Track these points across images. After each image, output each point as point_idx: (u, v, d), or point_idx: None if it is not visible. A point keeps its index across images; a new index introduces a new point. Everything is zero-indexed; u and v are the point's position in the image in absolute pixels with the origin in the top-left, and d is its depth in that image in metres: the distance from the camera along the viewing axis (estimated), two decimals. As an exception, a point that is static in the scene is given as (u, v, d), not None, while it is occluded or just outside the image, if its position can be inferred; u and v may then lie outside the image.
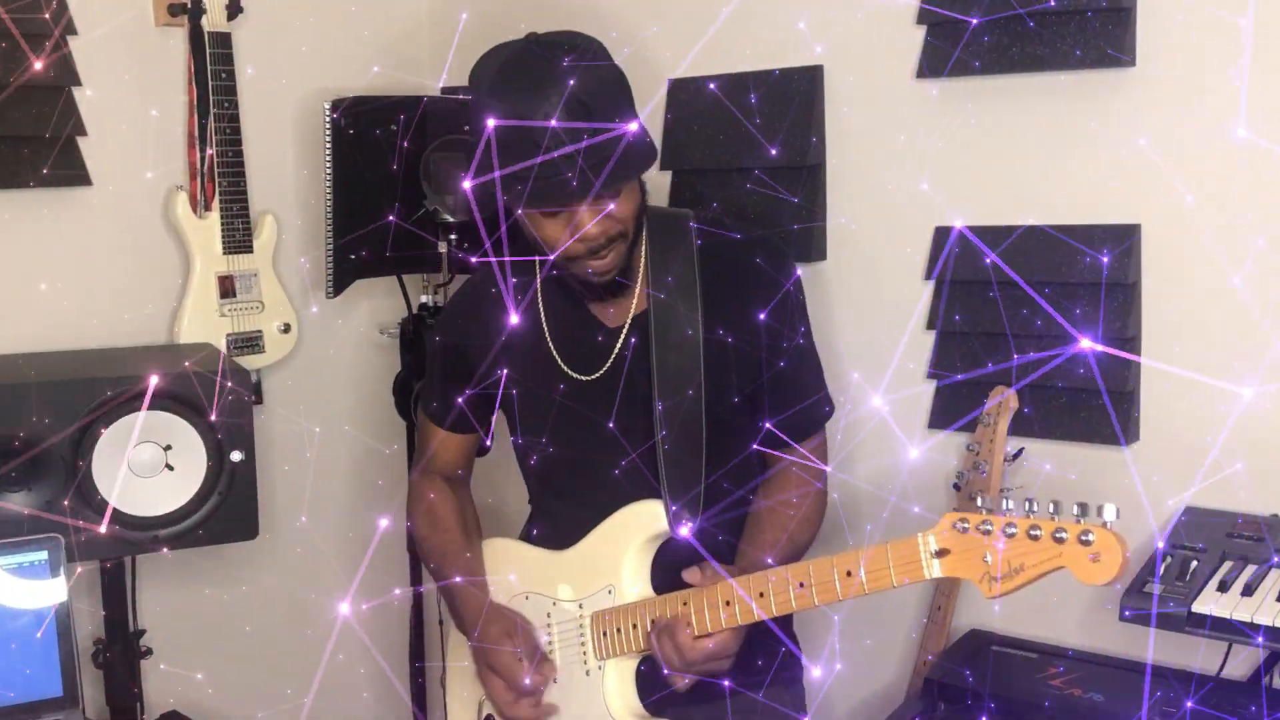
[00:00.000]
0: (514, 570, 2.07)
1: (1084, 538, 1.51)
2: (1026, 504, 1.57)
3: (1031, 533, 1.54)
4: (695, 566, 1.90)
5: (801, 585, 1.74)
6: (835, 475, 2.34)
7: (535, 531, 2.15)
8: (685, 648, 1.83)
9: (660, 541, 1.96)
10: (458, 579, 2.06)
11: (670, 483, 1.92)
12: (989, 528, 1.57)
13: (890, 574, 1.66)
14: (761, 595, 1.78)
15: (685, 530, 1.90)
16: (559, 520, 2.07)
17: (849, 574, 1.69)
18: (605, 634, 1.94)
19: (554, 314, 2.03)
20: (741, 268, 1.98)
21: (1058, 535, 1.52)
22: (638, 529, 1.95)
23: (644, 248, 1.97)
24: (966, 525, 1.60)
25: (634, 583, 1.94)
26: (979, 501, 1.62)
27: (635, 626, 1.90)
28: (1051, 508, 1.55)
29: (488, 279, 2.09)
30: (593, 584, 1.97)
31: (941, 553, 1.62)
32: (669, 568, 1.95)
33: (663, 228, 2.00)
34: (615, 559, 1.95)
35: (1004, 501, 1.58)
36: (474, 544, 2.14)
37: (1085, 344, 2.18)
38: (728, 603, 1.81)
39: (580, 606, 1.98)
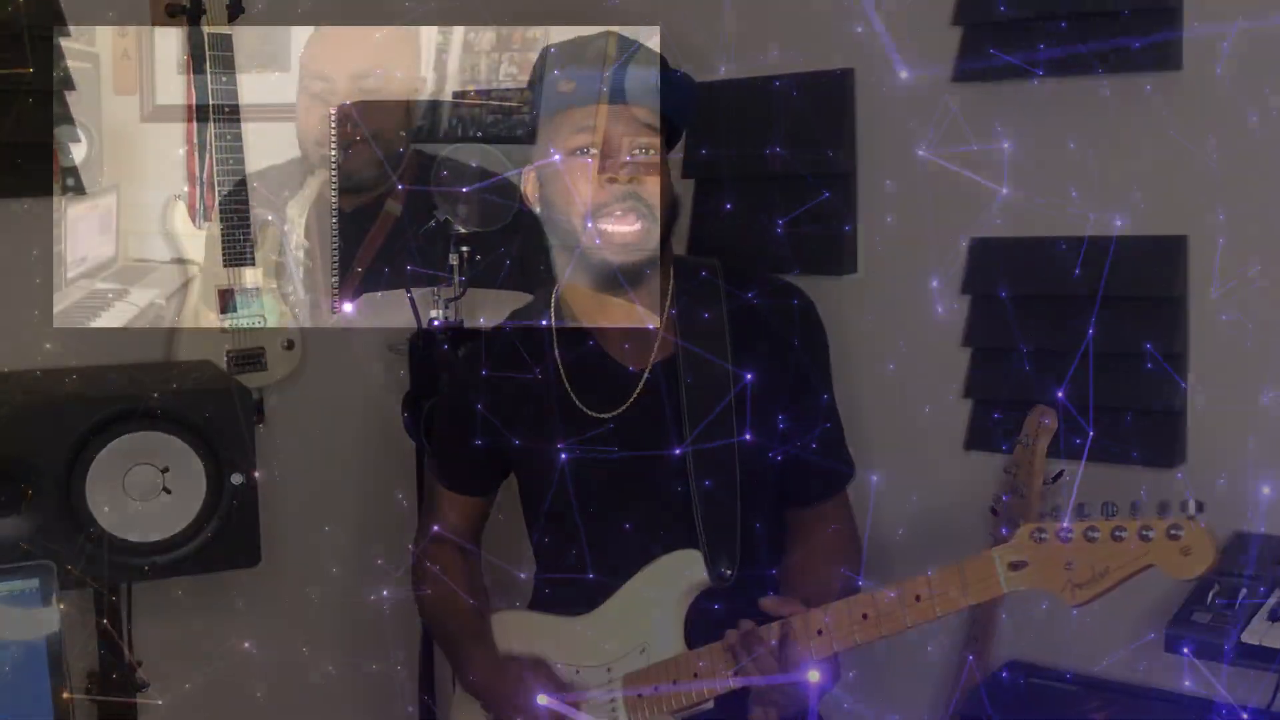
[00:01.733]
0: (528, 643, 2.02)
1: (1173, 532, 1.52)
2: (1104, 507, 1.57)
3: (1116, 534, 1.55)
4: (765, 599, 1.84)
5: (865, 617, 1.71)
6: (863, 496, 2.28)
7: (545, 601, 2.09)
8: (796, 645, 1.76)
9: (697, 593, 1.91)
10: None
11: (708, 530, 1.88)
12: (1069, 535, 1.57)
13: (963, 594, 1.65)
14: (821, 632, 1.75)
15: (726, 576, 1.87)
16: (575, 584, 2.01)
17: (917, 598, 1.67)
18: (641, 695, 1.89)
19: (571, 361, 2.01)
20: (770, 323, 1.98)
21: (1144, 534, 1.53)
22: (675, 581, 1.90)
23: (670, 291, 1.98)
24: (1044, 534, 1.60)
25: (669, 639, 1.89)
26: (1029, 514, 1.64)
27: (675, 683, 1.86)
28: (1131, 509, 1.56)
29: (496, 337, 2.10)
30: (622, 645, 1.92)
31: (1018, 565, 1.61)
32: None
33: (689, 276, 2.01)
34: (648, 616, 1.90)
35: (1081, 509, 1.59)
36: (484, 607, 2.11)
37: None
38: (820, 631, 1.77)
39: (609, 670, 1.93)
